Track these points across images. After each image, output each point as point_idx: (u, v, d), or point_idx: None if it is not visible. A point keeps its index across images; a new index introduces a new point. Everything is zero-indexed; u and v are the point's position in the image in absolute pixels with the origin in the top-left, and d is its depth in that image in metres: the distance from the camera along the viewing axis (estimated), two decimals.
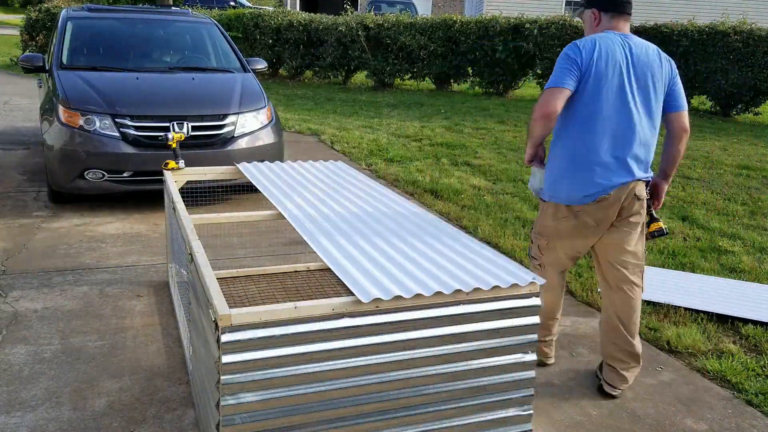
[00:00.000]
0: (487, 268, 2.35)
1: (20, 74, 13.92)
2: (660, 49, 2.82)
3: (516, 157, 8.02)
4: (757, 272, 4.55)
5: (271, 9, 15.75)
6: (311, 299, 2.27)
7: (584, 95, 2.74)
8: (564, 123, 2.84)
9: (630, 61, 2.73)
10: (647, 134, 2.81)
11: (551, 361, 3.25)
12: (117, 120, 5.17)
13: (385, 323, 2.09)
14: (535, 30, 13.00)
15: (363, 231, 2.74)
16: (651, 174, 2.89)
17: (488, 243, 4.99)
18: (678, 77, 2.86)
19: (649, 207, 2.98)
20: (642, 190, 2.84)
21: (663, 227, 2.96)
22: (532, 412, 2.38)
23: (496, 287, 2.19)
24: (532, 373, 2.34)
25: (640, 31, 12.79)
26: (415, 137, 8.95)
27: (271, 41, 14.39)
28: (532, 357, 2.32)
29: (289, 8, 17.62)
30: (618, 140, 2.76)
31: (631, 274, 2.92)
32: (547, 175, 2.95)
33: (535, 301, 2.27)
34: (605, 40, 2.73)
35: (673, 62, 2.85)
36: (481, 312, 2.21)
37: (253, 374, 1.96)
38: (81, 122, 5.14)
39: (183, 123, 5.28)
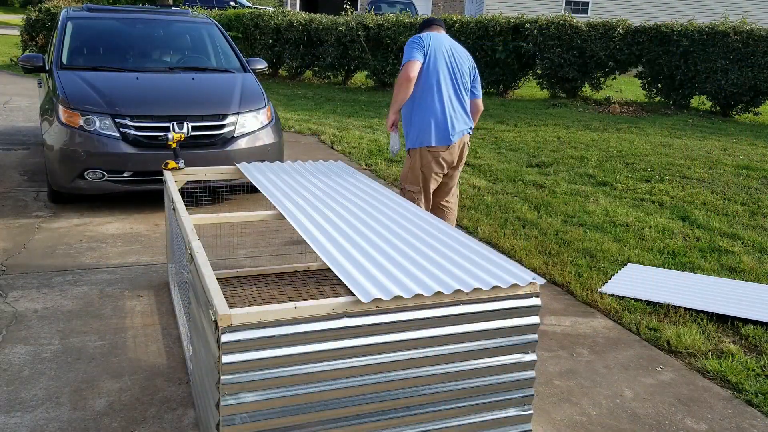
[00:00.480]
0: (486, 268, 2.35)
1: (20, 74, 13.93)
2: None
3: (516, 157, 8.02)
4: (758, 272, 4.55)
5: (271, 9, 15.75)
6: (311, 299, 2.27)
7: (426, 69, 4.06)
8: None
9: (451, 51, 4.15)
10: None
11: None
12: (117, 120, 5.17)
13: (385, 323, 2.09)
14: (535, 30, 13.01)
15: (363, 231, 2.74)
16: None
17: (488, 243, 4.99)
18: (477, 71, 4.31)
19: None
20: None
21: None
22: (532, 412, 2.38)
23: (496, 287, 2.19)
24: (532, 373, 2.34)
25: (640, 31, 12.80)
26: None
27: (271, 41, 14.39)
28: (532, 357, 2.32)
29: (289, 8, 17.61)
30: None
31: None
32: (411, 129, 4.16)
33: (535, 301, 2.27)
34: (435, 36, 4.13)
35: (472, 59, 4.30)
36: (481, 312, 2.21)
37: (253, 374, 1.96)
38: (81, 122, 5.14)
39: (183, 123, 5.28)
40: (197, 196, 5.64)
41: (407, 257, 2.43)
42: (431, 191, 4.21)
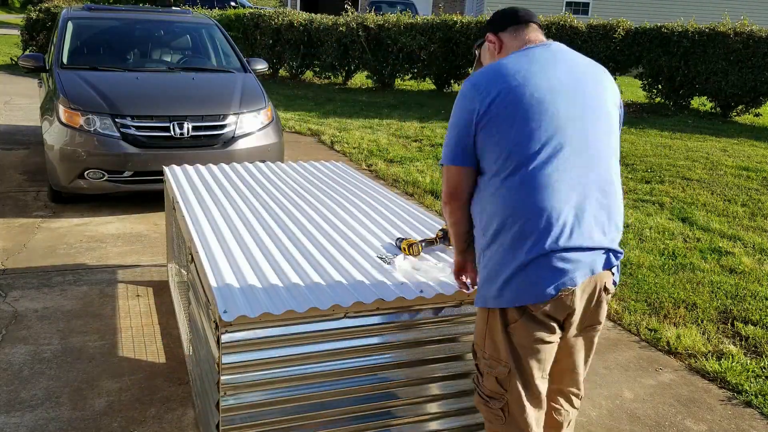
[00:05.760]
0: None
1: (21, 74, 13.92)
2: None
3: None
4: (758, 273, 4.55)
5: (272, 9, 15.75)
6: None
7: None
8: None
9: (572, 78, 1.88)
10: None
11: None
12: (117, 120, 5.17)
13: (386, 323, 2.09)
14: None
15: (362, 232, 2.74)
16: None
17: None
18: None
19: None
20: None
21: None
22: None
23: None
24: None
25: (640, 32, 12.80)
26: (415, 138, 8.95)
27: (271, 41, 14.39)
28: None
29: (289, 8, 17.62)
30: None
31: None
32: None
33: None
34: (521, 58, 1.89)
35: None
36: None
37: (253, 374, 1.96)
38: (81, 122, 5.14)
39: (183, 123, 5.28)
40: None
41: (407, 258, 2.44)
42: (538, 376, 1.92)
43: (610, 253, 1.86)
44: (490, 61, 2.04)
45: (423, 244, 2.50)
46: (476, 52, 2.16)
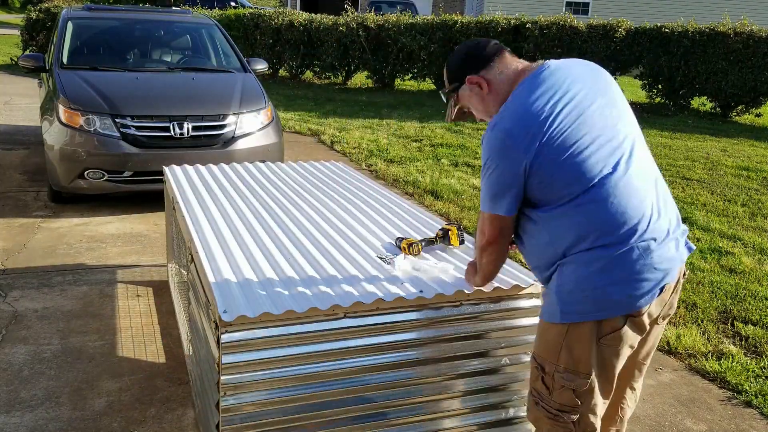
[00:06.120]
0: None
1: (21, 74, 13.92)
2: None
3: None
4: (758, 273, 4.54)
5: (272, 9, 15.75)
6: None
7: None
8: None
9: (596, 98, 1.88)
10: None
11: None
12: (117, 120, 5.17)
13: (386, 323, 2.09)
14: (536, 31, 13.01)
15: (362, 232, 2.74)
16: None
17: None
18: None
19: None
20: None
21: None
22: None
23: (497, 288, 2.19)
24: None
25: (640, 32, 12.80)
26: (415, 138, 8.95)
27: (271, 41, 14.39)
28: None
29: (289, 8, 17.62)
30: None
31: None
32: None
33: (536, 302, 2.27)
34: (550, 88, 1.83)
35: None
36: (483, 313, 2.21)
37: (253, 374, 1.96)
38: (81, 122, 5.14)
39: (183, 123, 5.28)
40: None
41: (407, 258, 2.44)
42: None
43: (684, 236, 1.87)
44: (483, 102, 1.94)
45: (423, 243, 2.49)
46: (451, 100, 2.04)
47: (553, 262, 1.83)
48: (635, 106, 12.99)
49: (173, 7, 7.44)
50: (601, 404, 1.87)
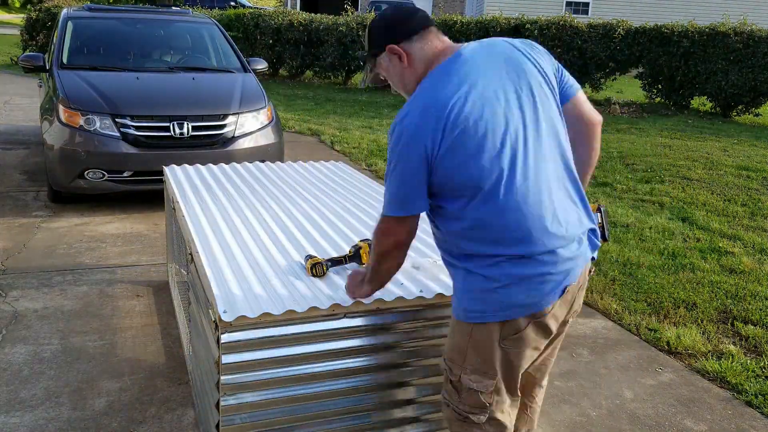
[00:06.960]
0: None
1: (20, 74, 13.92)
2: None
3: None
4: (758, 273, 4.54)
5: (272, 9, 15.74)
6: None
7: None
8: None
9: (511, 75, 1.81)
10: None
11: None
12: (117, 120, 5.17)
13: (386, 324, 2.09)
14: (536, 31, 13.01)
15: (363, 232, 2.74)
16: None
17: None
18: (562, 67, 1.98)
19: None
20: None
21: None
22: None
23: None
24: None
25: (640, 32, 12.79)
26: None
27: (271, 41, 14.39)
28: None
29: (289, 8, 17.62)
30: None
31: None
32: None
33: None
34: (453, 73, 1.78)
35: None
36: None
37: (253, 374, 1.96)
38: (81, 122, 5.14)
39: (183, 123, 5.27)
40: None
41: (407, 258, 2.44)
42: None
43: (590, 234, 1.84)
44: (400, 75, 1.89)
45: (329, 264, 2.28)
46: (368, 65, 1.96)
47: (456, 259, 1.81)
48: (635, 106, 12.99)
49: (173, 7, 7.42)
50: (509, 404, 1.88)
